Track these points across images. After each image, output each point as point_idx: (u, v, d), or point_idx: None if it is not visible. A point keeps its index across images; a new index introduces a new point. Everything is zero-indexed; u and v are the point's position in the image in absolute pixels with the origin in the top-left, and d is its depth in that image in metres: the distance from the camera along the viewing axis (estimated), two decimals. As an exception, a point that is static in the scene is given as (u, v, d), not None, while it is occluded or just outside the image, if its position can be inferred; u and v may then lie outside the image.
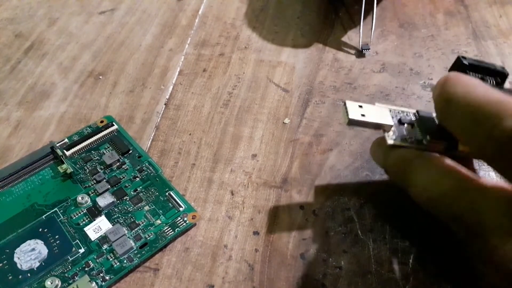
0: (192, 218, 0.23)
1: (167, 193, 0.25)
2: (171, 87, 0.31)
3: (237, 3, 0.37)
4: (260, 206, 0.24)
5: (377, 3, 0.34)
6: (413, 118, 0.23)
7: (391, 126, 0.22)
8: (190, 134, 0.28)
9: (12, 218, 0.24)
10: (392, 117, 0.23)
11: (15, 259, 0.22)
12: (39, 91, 0.31)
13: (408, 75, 0.31)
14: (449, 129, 0.18)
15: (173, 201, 0.24)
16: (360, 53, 0.33)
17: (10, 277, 0.21)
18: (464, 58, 0.21)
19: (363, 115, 0.22)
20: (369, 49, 0.32)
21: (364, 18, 0.33)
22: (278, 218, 0.24)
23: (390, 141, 0.22)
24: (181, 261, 0.22)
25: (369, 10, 0.34)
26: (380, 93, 0.30)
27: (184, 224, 0.23)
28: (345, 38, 0.34)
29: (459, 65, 0.21)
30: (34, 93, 0.31)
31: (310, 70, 0.32)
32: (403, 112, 0.23)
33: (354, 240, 0.23)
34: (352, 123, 0.22)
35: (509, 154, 0.14)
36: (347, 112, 0.22)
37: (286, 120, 0.29)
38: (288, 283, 0.22)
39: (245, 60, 0.33)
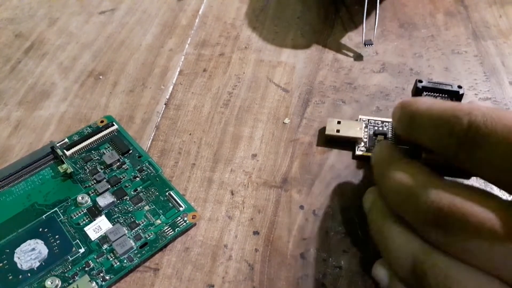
0: (192, 218, 0.24)
1: (167, 193, 0.25)
2: (171, 87, 0.31)
3: (237, 3, 0.37)
4: (260, 206, 0.24)
5: (380, 1, 0.33)
6: (389, 129, 0.27)
7: (361, 138, 0.26)
8: (190, 134, 0.28)
9: (12, 218, 0.24)
10: (368, 129, 0.27)
11: (15, 259, 0.22)
12: (39, 91, 0.31)
13: (408, 75, 0.31)
14: (415, 140, 0.21)
15: (173, 201, 0.24)
16: (359, 56, 0.33)
17: (10, 277, 0.21)
18: (421, 81, 0.24)
19: (338, 131, 0.26)
20: (372, 44, 0.32)
21: (366, 16, 0.33)
22: (278, 218, 0.24)
23: (358, 152, 0.26)
24: (181, 261, 0.23)
25: (370, 10, 0.34)
26: (380, 93, 0.30)
27: (184, 224, 0.23)
28: (345, 38, 0.34)
29: (416, 87, 0.25)
30: (34, 93, 0.31)
31: (310, 70, 0.32)
32: (383, 123, 0.27)
33: (354, 240, 0.23)
34: (329, 138, 0.27)
35: (467, 144, 0.17)
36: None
37: (286, 120, 0.29)
38: (288, 283, 0.22)
39: (245, 60, 0.33)
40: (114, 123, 0.28)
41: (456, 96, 0.26)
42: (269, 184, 0.25)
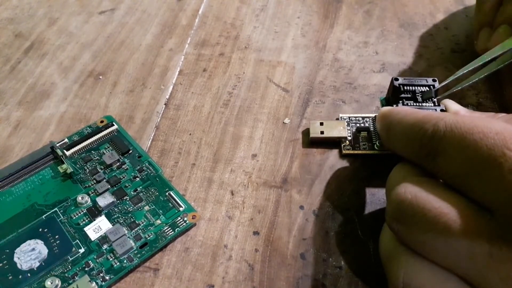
0: (192, 218, 0.23)
1: (167, 193, 0.25)
2: (171, 87, 0.31)
3: (237, 3, 0.37)
4: (260, 206, 0.24)
5: None
6: (371, 124, 0.27)
7: (346, 138, 0.26)
8: (190, 134, 0.28)
9: (12, 218, 0.24)
10: (351, 127, 0.27)
11: (15, 259, 0.22)
12: (39, 91, 0.31)
13: (408, 75, 0.31)
14: (392, 149, 0.22)
15: (173, 201, 0.24)
16: (359, 56, 0.32)
17: (10, 277, 0.21)
18: (397, 79, 0.25)
19: (322, 132, 0.26)
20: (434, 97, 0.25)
21: (365, 15, 0.33)
22: (278, 218, 0.24)
23: (344, 151, 0.26)
24: (181, 261, 0.23)
25: (371, 9, 0.33)
26: (380, 93, 0.30)
27: (184, 224, 0.23)
28: (345, 38, 0.34)
29: (393, 86, 0.25)
30: (34, 93, 0.31)
31: (310, 70, 0.32)
32: (364, 119, 0.27)
33: (354, 240, 0.23)
34: (314, 140, 0.27)
35: (431, 152, 0.18)
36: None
37: (286, 120, 0.29)
38: (288, 283, 0.22)
39: (245, 60, 0.33)
40: (114, 123, 0.28)
41: (432, 85, 0.26)
42: (269, 184, 0.25)
